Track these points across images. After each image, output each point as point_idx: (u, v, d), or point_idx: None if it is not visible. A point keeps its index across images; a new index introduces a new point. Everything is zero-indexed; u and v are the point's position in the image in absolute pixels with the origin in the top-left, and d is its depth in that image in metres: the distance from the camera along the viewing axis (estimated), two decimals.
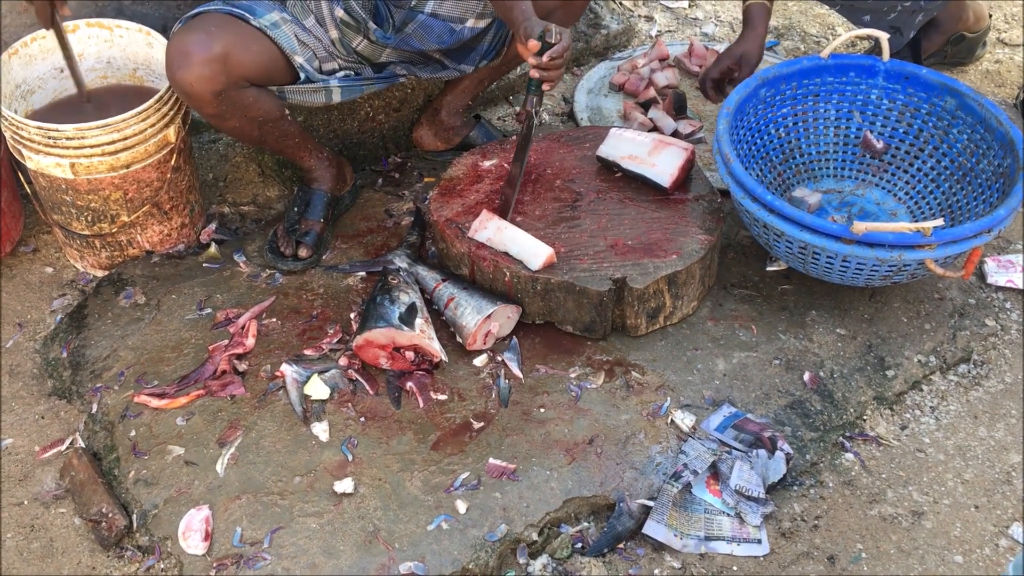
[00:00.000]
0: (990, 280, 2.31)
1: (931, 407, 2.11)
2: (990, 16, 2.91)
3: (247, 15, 2.05)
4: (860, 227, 1.90)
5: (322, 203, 2.35)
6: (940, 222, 1.91)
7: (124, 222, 2.27)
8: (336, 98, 2.22)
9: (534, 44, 1.93)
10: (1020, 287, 2.30)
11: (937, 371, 2.16)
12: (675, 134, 2.61)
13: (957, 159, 2.23)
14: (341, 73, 2.20)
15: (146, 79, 2.37)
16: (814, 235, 1.97)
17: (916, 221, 2.26)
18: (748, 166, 2.25)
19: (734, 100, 2.18)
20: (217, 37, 2.00)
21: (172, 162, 2.25)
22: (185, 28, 2.05)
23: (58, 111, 2.32)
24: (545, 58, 1.93)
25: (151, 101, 2.14)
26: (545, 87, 2.01)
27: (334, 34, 2.16)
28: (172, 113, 2.20)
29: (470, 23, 2.23)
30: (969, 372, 2.17)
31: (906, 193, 2.31)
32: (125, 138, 2.13)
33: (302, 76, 2.14)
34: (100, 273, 2.37)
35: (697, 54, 2.86)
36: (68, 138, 2.10)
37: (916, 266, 1.98)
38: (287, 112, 2.19)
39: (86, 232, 2.28)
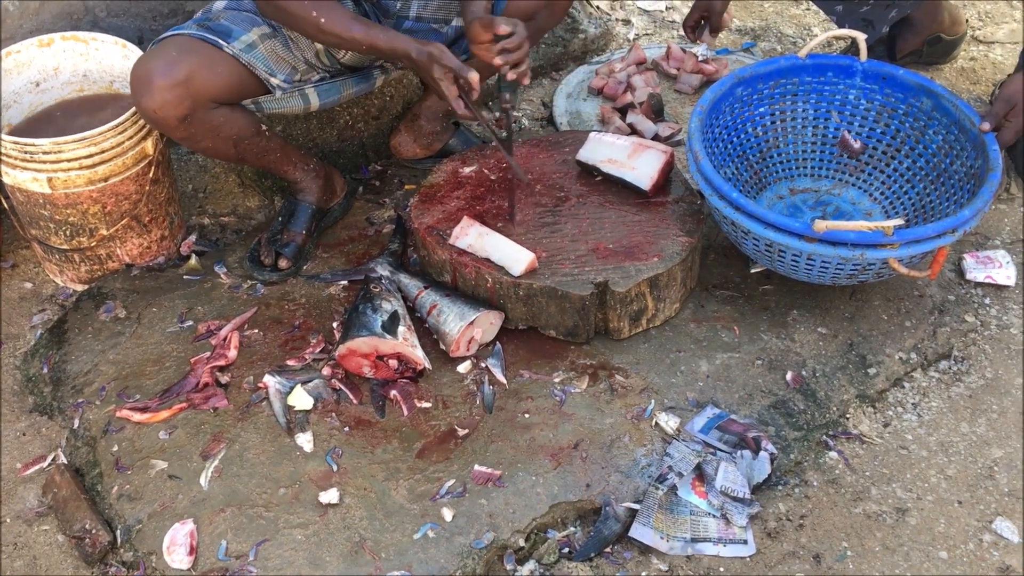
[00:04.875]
0: (969, 276, 2.33)
1: (913, 404, 2.13)
2: (967, 21, 2.94)
3: (219, 40, 2.02)
4: (821, 225, 1.91)
5: (306, 215, 2.34)
6: (900, 221, 1.92)
7: (103, 236, 2.26)
8: (314, 101, 2.20)
9: (481, 33, 1.92)
10: (999, 283, 2.32)
11: (918, 368, 2.18)
12: (655, 137, 2.62)
13: (932, 160, 2.24)
14: (317, 77, 2.19)
15: (123, 91, 2.36)
16: (777, 233, 1.98)
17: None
18: (724, 164, 2.26)
19: (708, 99, 2.19)
20: (180, 62, 1.97)
21: (150, 174, 2.24)
22: (148, 54, 2.04)
23: (34, 125, 2.30)
24: (497, 47, 1.91)
25: (128, 114, 2.13)
26: (521, 78, 1.97)
27: (319, 46, 2.14)
28: (149, 126, 2.19)
29: (455, 23, 2.24)
30: (950, 368, 2.19)
31: (881, 193, 2.33)
32: (102, 151, 2.13)
33: (278, 93, 2.13)
34: (80, 287, 2.36)
35: (675, 57, 2.87)
36: (45, 152, 2.09)
37: (881, 265, 1.99)
38: (264, 128, 2.17)
39: (65, 246, 2.27)
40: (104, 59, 2.34)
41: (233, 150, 2.14)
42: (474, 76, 1.92)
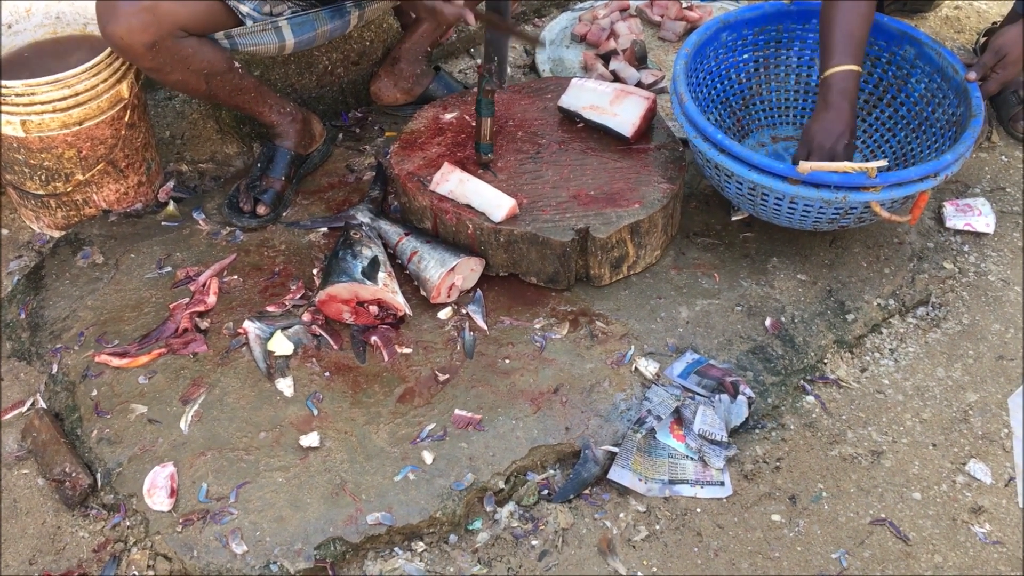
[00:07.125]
0: (948, 224, 2.34)
1: (890, 349, 2.14)
2: None
3: None
4: (805, 166, 1.91)
5: (284, 161, 2.32)
6: (883, 163, 1.92)
7: (79, 181, 2.23)
8: (288, 38, 2.15)
9: None
10: (978, 230, 2.33)
11: (896, 314, 2.19)
12: (638, 85, 2.60)
13: (914, 108, 2.24)
14: (289, 11, 2.14)
15: (97, 33, 2.30)
16: (761, 175, 1.97)
17: None
18: (707, 111, 2.25)
19: (693, 42, 2.17)
20: None
21: (126, 118, 2.20)
22: None
23: (7, 68, 2.25)
24: None
25: (102, 55, 2.09)
26: None
27: None
28: (124, 68, 2.15)
29: None
30: (927, 314, 2.21)
31: (863, 142, 2.32)
32: (76, 94, 2.09)
33: (248, 23, 2.09)
34: (57, 233, 2.33)
35: (659, 4, 2.84)
36: (17, 95, 2.05)
37: (863, 209, 1.99)
38: (236, 64, 2.13)
39: (40, 192, 2.24)
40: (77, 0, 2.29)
41: (204, 85, 2.11)
42: None
